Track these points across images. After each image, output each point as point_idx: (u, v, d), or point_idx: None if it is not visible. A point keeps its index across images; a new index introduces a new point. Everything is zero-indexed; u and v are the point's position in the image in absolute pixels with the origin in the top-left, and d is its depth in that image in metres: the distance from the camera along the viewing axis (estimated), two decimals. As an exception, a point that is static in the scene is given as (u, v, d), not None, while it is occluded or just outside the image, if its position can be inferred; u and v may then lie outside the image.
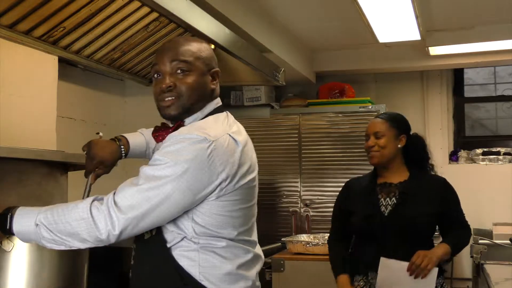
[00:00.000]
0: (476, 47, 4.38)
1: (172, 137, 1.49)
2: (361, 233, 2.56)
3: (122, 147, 1.83)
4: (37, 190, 2.41)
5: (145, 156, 1.91)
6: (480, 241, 3.51)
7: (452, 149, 5.12)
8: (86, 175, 1.81)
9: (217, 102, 1.69)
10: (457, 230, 2.55)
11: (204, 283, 1.51)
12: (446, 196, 2.58)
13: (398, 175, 2.56)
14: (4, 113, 2.29)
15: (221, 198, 1.50)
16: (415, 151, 2.61)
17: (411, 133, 2.64)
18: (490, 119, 5.40)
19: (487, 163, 4.92)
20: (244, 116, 4.52)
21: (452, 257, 2.55)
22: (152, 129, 1.72)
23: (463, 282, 4.76)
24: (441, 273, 2.47)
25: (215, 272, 1.52)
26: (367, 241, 2.52)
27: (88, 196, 1.75)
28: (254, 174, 1.60)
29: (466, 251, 4.49)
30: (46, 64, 2.56)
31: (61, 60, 2.67)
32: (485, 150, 4.95)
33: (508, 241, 3.37)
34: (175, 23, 2.63)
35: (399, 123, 2.60)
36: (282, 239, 3.88)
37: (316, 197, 4.55)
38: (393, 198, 2.50)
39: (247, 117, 4.54)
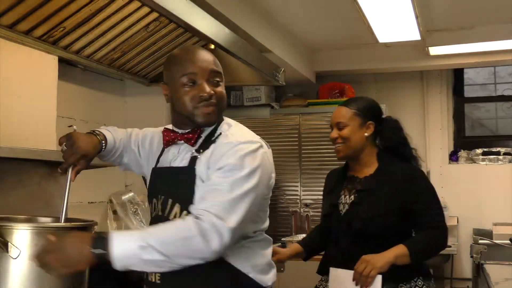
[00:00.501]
0: (476, 47, 4.38)
1: (236, 144, 1.58)
2: (327, 232, 2.37)
3: (102, 141, 1.79)
4: (37, 190, 2.41)
5: (109, 154, 1.85)
6: (480, 241, 3.50)
7: (452, 149, 5.12)
8: (65, 170, 1.73)
9: None
10: (426, 231, 2.23)
11: (251, 275, 1.63)
12: (411, 189, 2.21)
13: (367, 168, 2.29)
14: (4, 113, 2.29)
15: (268, 195, 1.67)
16: (388, 137, 2.33)
17: (384, 116, 2.39)
18: (490, 119, 5.40)
19: (487, 163, 4.92)
20: (244, 116, 4.52)
21: (416, 262, 2.19)
22: (113, 127, 1.86)
23: (463, 282, 4.76)
24: (416, 275, 2.22)
25: (259, 264, 1.65)
26: (331, 241, 2.32)
27: (68, 194, 1.72)
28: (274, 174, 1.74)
29: (466, 251, 4.51)
30: (46, 64, 2.56)
31: (61, 60, 2.67)
32: (485, 150, 4.95)
33: (508, 241, 3.37)
34: (175, 23, 2.63)
35: (364, 110, 2.32)
36: (282, 239, 3.89)
37: (316, 197, 4.55)
38: (352, 196, 2.26)
39: (247, 117, 4.54)
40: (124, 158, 1.90)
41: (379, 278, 2.11)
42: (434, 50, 4.43)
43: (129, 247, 1.42)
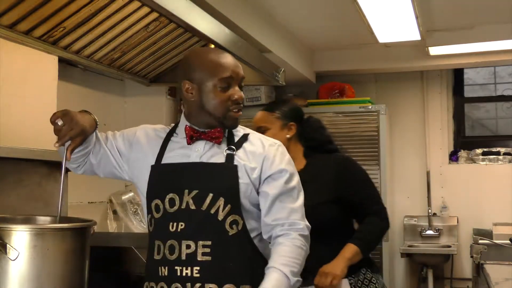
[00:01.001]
0: (476, 47, 4.38)
1: (278, 145, 1.78)
2: None
3: (96, 120, 1.78)
4: (37, 190, 2.41)
5: (85, 144, 1.78)
6: (480, 241, 3.50)
7: (452, 149, 5.12)
8: (62, 143, 1.68)
9: None
10: (366, 220, 2.25)
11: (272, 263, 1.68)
12: (342, 177, 2.26)
13: (295, 165, 2.26)
14: (4, 113, 2.29)
15: None
16: (312, 138, 2.37)
17: (305, 117, 2.43)
18: (490, 119, 5.40)
19: (487, 163, 4.92)
20: (244, 116, 4.49)
21: (368, 253, 2.26)
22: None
23: (463, 282, 4.76)
24: (363, 266, 2.24)
25: (269, 254, 1.70)
26: None
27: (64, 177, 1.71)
28: None
29: (466, 251, 4.51)
30: (46, 64, 2.56)
31: (61, 60, 2.67)
32: (485, 150, 4.95)
33: (508, 241, 3.37)
34: (175, 23, 2.63)
35: (284, 112, 2.36)
36: (282, 239, 3.87)
37: (316, 197, 4.55)
38: None
39: (247, 117, 4.50)
40: (92, 156, 1.82)
41: (345, 282, 2.15)
42: (434, 50, 4.43)
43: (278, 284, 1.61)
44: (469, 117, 5.32)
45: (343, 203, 2.24)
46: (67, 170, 1.78)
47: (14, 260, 1.53)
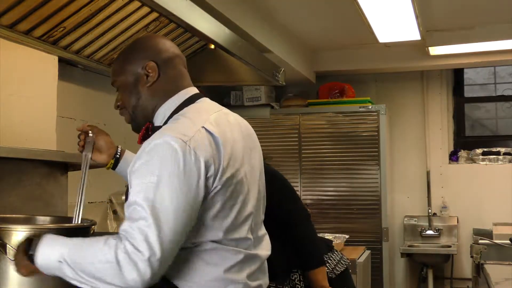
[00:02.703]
0: (476, 47, 4.38)
1: (151, 147, 1.36)
2: None
3: (118, 150, 1.81)
4: (37, 190, 2.41)
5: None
6: (480, 241, 3.50)
7: (452, 149, 5.12)
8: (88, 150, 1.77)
9: (185, 93, 1.56)
10: (294, 232, 2.23)
11: None
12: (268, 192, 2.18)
13: None
14: (4, 113, 2.29)
15: (209, 197, 1.39)
16: None
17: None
18: (490, 119, 5.40)
19: (487, 163, 4.92)
20: (244, 116, 4.49)
21: (321, 261, 2.29)
22: None
23: (463, 282, 4.76)
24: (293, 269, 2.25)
25: (200, 279, 1.42)
26: None
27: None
28: (236, 168, 1.45)
29: (466, 251, 4.51)
30: (46, 64, 2.56)
31: (61, 60, 2.67)
32: (485, 150, 4.96)
33: (508, 241, 3.36)
34: (175, 23, 2.63)
35: None
36: (282, 239, 3.88)
37: (316, 197, 4.55)
38: None
39: (247, 117, 4.47)
40: None
41: None
42: (434, 50, 4.43)
43: (49, 258, 1.37)
44: (469, 117, 5.31)
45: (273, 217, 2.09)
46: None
47: (14, 260, 1.53)
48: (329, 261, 2.42)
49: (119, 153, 1.82)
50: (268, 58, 3.48)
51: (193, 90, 1.58)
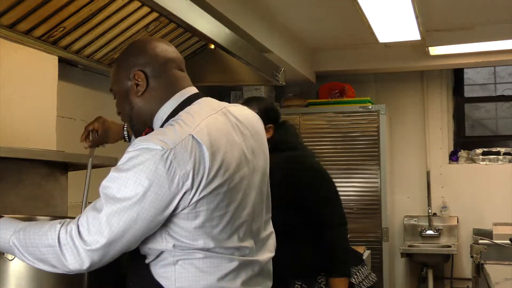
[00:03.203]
0: (476, 47, 4.38)
1: (130, 149, 1.35)
2: None
3: (125, 128, 1.99)
4: (37, 190, 2.41)
5: None
6: (480, 241, 3.50)
7: (452, 149, 5.12)
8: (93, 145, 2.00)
9: (181, 95, 1.52)
10: (328, 237, 2.14)
11: None
12: (296, 182, 2.10)
13: None
14: (4, 113, 2.29)
15: (188, 209, 1.34)
16: (282, 142, 2.23)
17: (280, 121, 2.28)
18: (490, 119, 5.40)
19: (487, 163, 4.92)
20: (244, 116, 4.52)
21: (346, 272, 2.19)
22: None
23: (463, 282, 4.77)
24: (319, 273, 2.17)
25: (193, 287, 1.39)
26: None
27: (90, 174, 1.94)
28: (227, 176, 1.39)
29: (466, 251, 4.51)
30: (46, 64, 2.55)
31: (61, 60, 2.67)
32: (485, 150, 4.96)
33: (508, 241, 3.36)
34: (175, 23, 2.63)
35: (265, 111, 2.17)
36: (282, 239, 3.87)
37: (316, 197, 4.55)
38: None
39: (247, 117, 4.53)
40: None
41: None
42: (434, 50, 4.44)
43: (3, 240, 1.41)
44: (469, 117, 5.32)
45: (297, 208, 2.07)
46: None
47: (11, 260, 1.53)
48: (357, 273, 2.34)
49: (126, 133, 2.01)
50: (268, 58, 3.48)
51: (190, 91, 1.53)
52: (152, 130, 1.52)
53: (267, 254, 1.57)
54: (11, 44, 2.32)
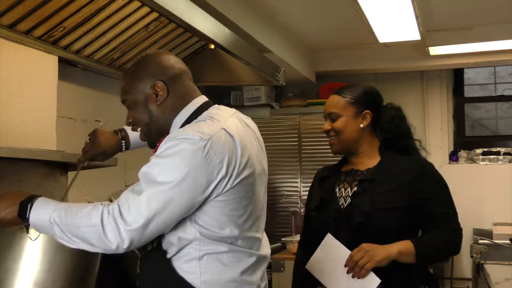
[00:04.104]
0: (476, 47, 4.38)
1: (168, 139, 1.47)
2: (316, 233, 2.01)
3: (123, 141, 1.91)
4: (37, 190, 2.41)
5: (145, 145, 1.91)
6: (480, 241, 3.50)
7: (452, 149, 5.12)
8: (81, 161, 1.90)
9: (194, 104, 1.63)
10: (437, 231, 1.96)
11: None
12: (421, 184, 1.96)
13: (369, 160, 2.02)
14: (4, 113, 2.29)
15: (221, 196, 1.47)
16: (388, 129, 2.06)
17: (384, 104, 2.11)
18: (490, 119, 5.40)
19: (487, 163, 4.92)
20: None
21: (421, 263, 1.94)
22: None
23: (463, 282, 4.76)
24: (419, 284, 1.95)
25: (217, 281, 1.50)
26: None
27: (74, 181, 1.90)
28: (252, 169, 1.54)
29: (466, 250, 4.50)
30: (46, 64, 2.56)
31: (61, 60, 2.67)
32: (485, 150, 4.95)
33: (508, 241, 3.37)
34: (175, 23, 2.63)
35: (359, 97, 2.03)
36: (282, 239, 3.88)
37: (316, 197, 4.55)
38: (355, 188, 1.97)
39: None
40: None
41: (374, 279, 1.85)
42: (434, 50, 4.43)
43: (42, 218, 1.48)
44: (469, 117, 5.32)
45: (415, 211, 1.94)
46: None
47: (34, 240, 1.57)
48: None
49: (124, 147, 1.93)
50: (268, 58, 3.48)
51: (203, 99, 1.64)
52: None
53: (268, 249, 1.69)
54: (11, 44, 2.32)
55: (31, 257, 1.65)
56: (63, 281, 1.69)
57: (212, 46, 3.18)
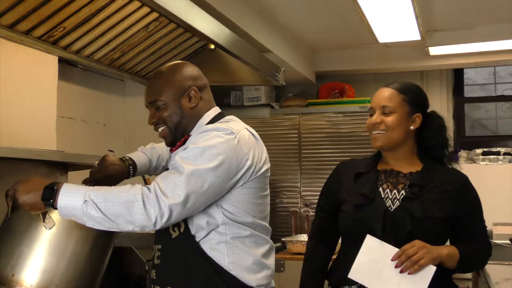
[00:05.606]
0: (476, 47, 4.38)
1: (204, 131, 1.68)
2: (351, 231, 1.96)
3: (131, 167, 1.97)
4: (37, 190, 2.41)
5: (148, 173, 2.07)
6: (480, 241, 3.50)
7: (452, 149, 5.11)
8: (86, 181, 1.90)
9: (215, 109, 1.87)
10: (475, 243, 1.97)
11: (233, 272, 1.66)
12: (464, 196, 2.00)
13: (408, 164, 1.99)
14: (4, 113, 2.29)
15: (246, 185, 1.68)
16: (431, 136, 2.04)
17: (429, 111, 2.06)
18: (490, 119, 5.40)
19: (487, 163, 4.92)
20: (244, 116, 4.51)
21: (457, 270, 1.93)
22: (151, 145, 2.06)
23: (463, 282, 4.75)
24: None
25: (242, 262, 1.67)
26: (357, 242, 1.87)
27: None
28: (269, 165, 1.79)
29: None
30: (46, 64, 2.56)
31: (61, 60, 2.67)
32: (485, 150, 4.95)
33: (508, 241, 3.37)
34: (175, 23, 2.63)
35: (415, 98, 1.99)
36: (282, 239, 3.89)
37: (316, 197, 4.54)
38: (403, 191, 1.93)
39: (247, 117, 4.54)
40: None
41: (431, 269, 1.80)
42: (434, 50, 4.43)
43: (73, 199, 1.51)
44: (469, 117, 5.31)
45: (453, 221, 1.94)
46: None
47: (48, 229, 1.58)
48: None
49: (131, 173, 1.98)
50: (268, 58, 3.49)
51: (218, 109, 1.88)
52: (187, 138, 1.79)
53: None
54: (11, 44, 2.32)
55: (44, 245, 1.66)
56: (72, 272, 1.70)
57: (212, 46, 3.18)
